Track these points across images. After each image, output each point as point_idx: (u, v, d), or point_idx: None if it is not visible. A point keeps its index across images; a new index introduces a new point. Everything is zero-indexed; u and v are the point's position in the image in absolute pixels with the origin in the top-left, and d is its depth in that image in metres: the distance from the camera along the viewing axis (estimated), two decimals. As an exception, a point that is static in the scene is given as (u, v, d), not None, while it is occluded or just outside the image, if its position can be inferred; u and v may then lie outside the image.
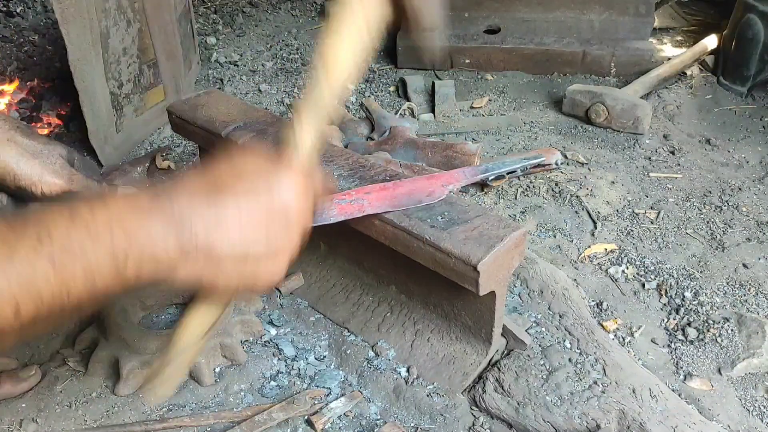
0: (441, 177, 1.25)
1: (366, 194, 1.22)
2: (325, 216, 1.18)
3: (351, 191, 1.23)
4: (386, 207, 1.19)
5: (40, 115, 2.25)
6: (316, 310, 1.48)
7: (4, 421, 1.22)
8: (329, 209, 1.18)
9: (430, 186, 1.22)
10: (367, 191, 1.22)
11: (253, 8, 3.34)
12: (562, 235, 1.79)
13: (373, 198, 1.21)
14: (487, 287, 1.13)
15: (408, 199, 1.20)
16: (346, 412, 1.25)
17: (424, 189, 1.22)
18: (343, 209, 1.19)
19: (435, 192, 1.21)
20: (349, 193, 1.22)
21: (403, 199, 1.20)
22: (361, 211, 1.18)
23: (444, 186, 1.22)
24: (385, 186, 1.23)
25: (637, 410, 1.20)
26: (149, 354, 1.27)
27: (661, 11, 3.18)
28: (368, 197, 1.21)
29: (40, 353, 1.35)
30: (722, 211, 1.90)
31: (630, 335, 1.48)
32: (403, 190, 1.22)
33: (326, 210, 1.19)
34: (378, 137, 2.11)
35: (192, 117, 1.53)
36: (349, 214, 1.18)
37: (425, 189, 1.22)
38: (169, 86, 2.28)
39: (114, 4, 1.94)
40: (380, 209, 1.19)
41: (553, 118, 2.40)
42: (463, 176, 1.26)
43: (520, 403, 1.23)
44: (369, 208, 1.19)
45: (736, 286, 1.62)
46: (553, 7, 2.76)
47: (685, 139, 2.28)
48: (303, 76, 2.70)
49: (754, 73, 2.49)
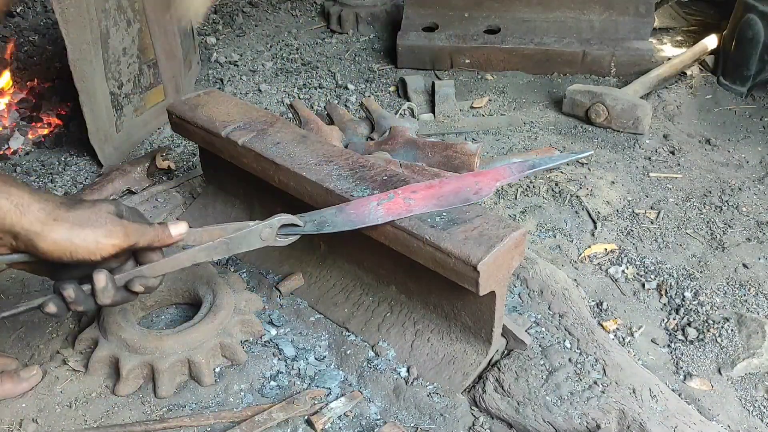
0: (488, 173, 1.21)
1: (413, 193, 1.19)
2: (373, 217, 1.17)
3: (397, 190, 1.20)
4: (433, 206, 1.16)
5: (40, 115, 2.25)
6: (316, 310, 1.48)
7: (4, 421, 1.22)
8: (376, 210, 1.17)
9: (477, 183, 1.18)
10: (414, 190, 1.20)
11: (253, 8, 3.34)
12: (562, 235, 1.79)
13: (420, 197, 1.18)
14: (487, 287, 1.13)
15: (455, 197, 1.17)
16: (346, 412, 1.25)
17: (471, 186, 1.18)
18: (391, 209, 1.17)
19: (483, 189, 1.17)
20: (396, 192, 1.20)
21: (450, 198, 1.17)
22: (408, 212, 1.16)
23: (492, 182, 1.18)
24: (431, 184, 1.20)
25: (637, 410, 1.20)
26: (149, 354, 1.27)
27: (661, 11, 3.18)
28: (415, 196, 1.18)
29: (40, 353, 1.35)
30: (722, 211, 1.90)
31: (630, 335, 1.48)
32: (449, 188, 1.19)
33: (373, 210, 1.17)
34: (378, 137, 2.11)
35: (192, 117, 1.53)
36: (396, 215, 1.16)
37: (472, 186, 1.18)
38: (169, 86, 2.28)
39: (114, 4, 1.94)
40: (427, 209, 1.16)
41: (553, 118, 2.40)
42: (510, 172, 1.20)
43: (520, 403, 1.23)
44: (416, 208, 1.17)
45: (736, 286, 1.62)
46: (553, 7, 2.76)
47: (685, 139, 2.28)
48: (303, 76, 2.70)
49: (754, 73, 2.49)
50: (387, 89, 2.63)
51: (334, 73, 2.73)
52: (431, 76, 2.70)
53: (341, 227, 1.18)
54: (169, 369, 1.27)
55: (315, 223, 1.19)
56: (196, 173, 1.88)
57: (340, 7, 3.11)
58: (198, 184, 1.83)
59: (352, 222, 1.18)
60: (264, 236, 1.16)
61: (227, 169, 1.58)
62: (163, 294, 1.45)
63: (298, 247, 1.56)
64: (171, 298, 1.47)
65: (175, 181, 1.86)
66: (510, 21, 2.78)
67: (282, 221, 1.17)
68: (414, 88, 2.54)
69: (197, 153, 1.88)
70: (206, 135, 1.52)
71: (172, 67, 2.28)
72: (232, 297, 1.40)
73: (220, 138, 1.47)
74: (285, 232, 1.18)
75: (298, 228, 1.18)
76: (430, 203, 1.17)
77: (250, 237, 1.15)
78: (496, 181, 1.19)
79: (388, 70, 2.77)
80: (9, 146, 2.12)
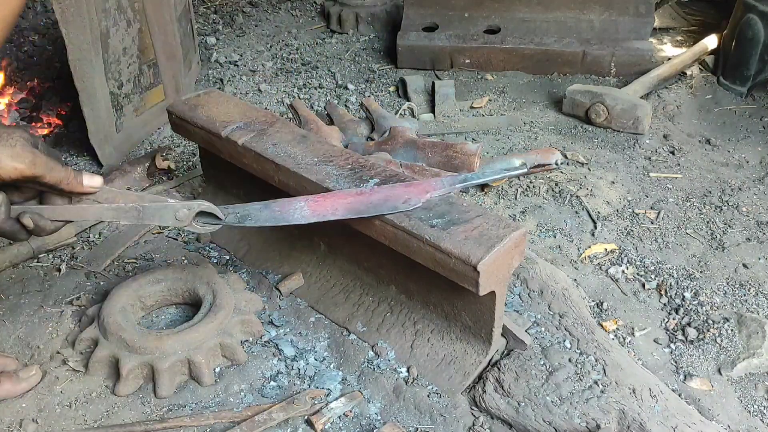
0: (419, 185, 1.25)
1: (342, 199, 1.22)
2: (297, 216, 1.19)
3: (326, 194, 1.23)
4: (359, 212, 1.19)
5: (40, 115, 2.25)
6: (316, 310, 1.48)
7: (4, 421, 1.22)
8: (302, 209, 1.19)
9: (407, 194, 1.22)
10: (344, 197, 1.23)
11: (253, 8, 3.34)
12: (562, 235, 1.79)
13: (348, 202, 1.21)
14: (487, 287, 1.13)
15: (383, 205, 1.20)
16: (346, 412, 1.25)
17: (400, 196, 1.21)
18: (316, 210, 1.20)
19: (412, 199, 1.21)
20: (325, 196, 1.23)
21: (378, 205, 1.20)
22: (333, 212, 1.19)
23: (422, 194, 1.22)
24: (362, 191, 1.24)
25: (637, 410, 1.20)
26: (149, 354, 1.27)
27: (661, 11, 3.18)
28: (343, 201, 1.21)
29: (40, 353, 1.35)
30: (722, 211, 1.90)
31: (630, 335, 1.48)
32: (379, 196, 1.22)
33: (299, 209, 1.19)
34: (378, 137, 2.11)
35: (192, 117, 1.53)
36: (321, 215, 1.19)
37: (402, 196, 1.21)
38: (169, 86, 2.28)
39: (114, 4, 1.94)
40: (351, 214, 1.19)
41: (553, 118, 2.40)
42: (441, 185, 1.25)
43: (520, 403, 1.23)
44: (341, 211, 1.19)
45: (736, 286, 1.62)
46: (553, 7, 2.76)
47: (685, 139, 2.28)
48: (303, 76, 2.70)
49: (754, 73, 2.49)
50: (387, 89, 2.63)
51: (334, 73, 2.73)
52: (431, 76, 2.70)
53: (263, 222, 1.20)
54: (169, 369, 1.27)
55: (237, 215, 1.20)
56: (196, 173, 1.88)
57: (340, 7, 3.11)
58: (198, 184, 1.84)
59: (275, 218, 1.20)
60: (180, 216, 1.15)
61: (227, 169, 1.58)
62: (163, 294, 1.45)
63: (298, 247, 1.57)
64: (171, 298, 1.47)
65: (175, 181, 1.86)
66: (510, 21, 2.78)
67: (202, 207, 1.17)
68: (414, 88, 2.54)
69: (197, 153, 1.88)
70: (206, 135, 1.52)
71: (172, 67, 2.28)
72: (232, 297, 1.40)
73: (220, 138, 1.47)
74: (206, 221, 1.18)
75: (218, 220, 1.19)
76: (358, 208, 1.20)
77: (164, 212, 1.15)
78: (426, 192, 1.22)
79: (388, 70, 2.77)
80: (9, 146, 2.12)
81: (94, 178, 1.12)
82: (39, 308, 1.44)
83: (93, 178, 1.12)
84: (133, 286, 1.41)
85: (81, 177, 1.10)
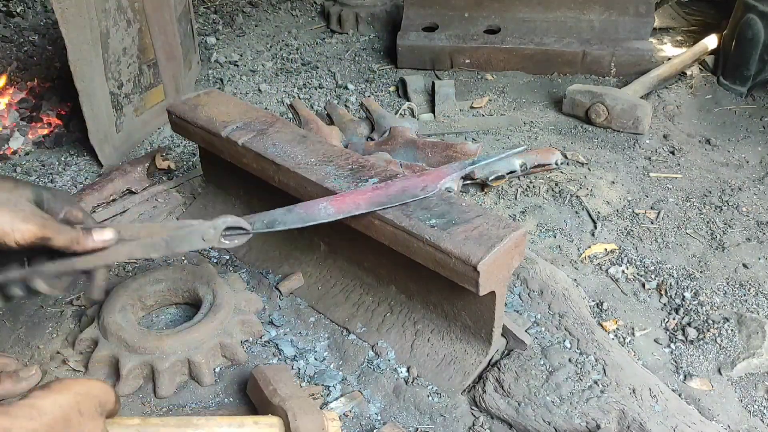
0: (432, 174, 1.28)
1: (361, 195, 1.23)
2: (324, 214, 1.20)
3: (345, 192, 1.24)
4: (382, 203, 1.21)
5: (40, 115, 2.25)
6: (316, 310, 1.48)
7: (4, 421, 1.22)
8: (327, 208, 1.20)
9: (423, 182, 1.25)
10: (362, 193, 1.24)
11: (253, 8, 3.34)
12: (562, 235, 1.79)
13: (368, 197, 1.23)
14: (487, 287, 1.13)
15: (403, 195, 1.23)
16: (346, 412, 1.25)
17: (418, 185, 1.25)
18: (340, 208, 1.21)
19: (428, 186, 1.24)
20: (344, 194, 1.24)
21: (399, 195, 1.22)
22: (356, 207, 1.20)
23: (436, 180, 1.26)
24: (378, 186, 1.26)
25: (637, 410, 1.20)
26: (149, 354, 1.27)
27: (661, 11, 3.18)
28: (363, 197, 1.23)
29: (40, 353, 1.35)
30: (722, 211, 1.90)
31: (630, 335, 1.48)
32: (396, 188, 1.24)
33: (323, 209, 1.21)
34: (378, 137, 2.11)
35: (192, 117, 1.53)
36: (347, 212, 1.20)
37: (419, 185, 1.24)
38: (169, 86, 2.28)
39: (114, 4, 1.94)
40: (375, 206, 1.21)
41: (553, 118, 2.40)
42: (452, 170, 1.29)
43: (520, 403, 1.23)
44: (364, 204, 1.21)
45: (736, 286, 1.62)
46: (553, 7, 2.76)
47: (685, 139, 2.28)
48: (303, 76, 2.70)
49: (754, 73, 2.49)
50: (387, 89, 2.63)
51: (334, 73, 2.73)
52: (431, 76, 2.70)
53: (291, 224, 1.20)
54: (169, 369, 1.27)
55: (264, 222, 1.20)
56: (196, 173, 1.88)
57: (340, 7, 3.11)
58: (198, 184, 1.83)
59: (302, 219, 1.21)
60: (207, 237, 1.13)
61: (227, 169, 1.58)
62: (163, 294, 1.45)
63: (298, 247, 1.57)
64: (171, 298, 1.47)
65: (175, 181, 1.86)
66: (510, 21, 2.78)
67: (227, 223, 1.14)
68: (414, 88, 2.54)
69: (197, 153, 1.88)
70: (206, 135, 1.52)
71: (172, 67, 2.28)
72: (232, 297, 1.40)
73: (220, 138, 1.47)
74: (233, 233, 1.16)
75: (246, 230, 1.17)
76: (379, 200, 1.22)
77: (191, 236, 1.12)
78: (440, 179, 1.27)
79: (388, 70, 2.77)
80: (9, 146, 2.12)
81: (104, 232, 1.08)
82: (39, 308, 1.44)
83: (103, 232, 1.07)
84: (133, 286, 1.41)
85: (91, 236, 1.06)
